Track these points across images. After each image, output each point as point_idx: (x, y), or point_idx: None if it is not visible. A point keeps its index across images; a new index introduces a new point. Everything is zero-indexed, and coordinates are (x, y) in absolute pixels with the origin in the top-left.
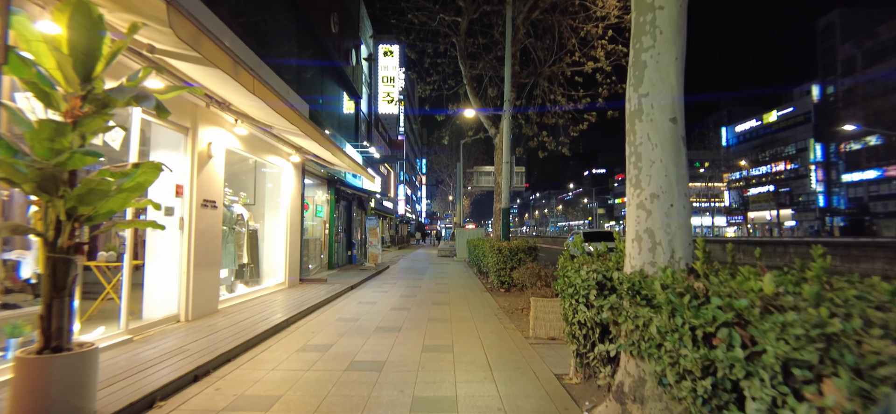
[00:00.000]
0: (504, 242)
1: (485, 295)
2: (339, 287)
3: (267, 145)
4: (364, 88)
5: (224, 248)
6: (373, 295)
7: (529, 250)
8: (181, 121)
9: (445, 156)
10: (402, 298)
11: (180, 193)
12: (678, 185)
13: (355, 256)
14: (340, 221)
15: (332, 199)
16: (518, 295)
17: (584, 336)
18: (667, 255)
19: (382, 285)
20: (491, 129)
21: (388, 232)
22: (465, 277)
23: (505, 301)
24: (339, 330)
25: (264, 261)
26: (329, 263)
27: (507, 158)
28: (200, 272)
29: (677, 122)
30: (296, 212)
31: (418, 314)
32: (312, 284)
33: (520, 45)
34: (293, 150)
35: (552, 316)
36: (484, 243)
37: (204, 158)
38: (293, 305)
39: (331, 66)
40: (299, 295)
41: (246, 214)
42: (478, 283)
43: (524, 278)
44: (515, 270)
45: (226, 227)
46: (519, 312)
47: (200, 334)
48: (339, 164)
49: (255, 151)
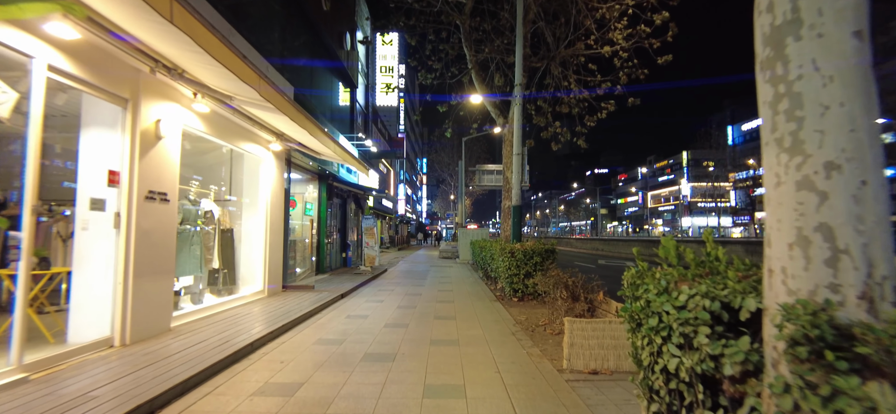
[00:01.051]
0: (516, 245)
1: (495, 306)
2: (327, 296)
3: (241, 130)
4: (360, 78)
5: (187, 251)
6: (365, 306)
7: (547, 254)
8: (116, 89)
9: (447, 155)
10: (400, 309)
11: (115, 182)
12: (872, 148)
13: (350, 258)
14: (333, 220)
15: (323, 195)
16: (535, 306)
17: (673, 393)
18: (861, 271)
19: (378, 293)
20: (499, 118)
21: (387, 232)
22: (471, 283)
23: (520, 314)
24: (315, 358)
25: (242, 266)
26: (320, 266)
27: (517, 150)
28: (144, 282)
29: (864, 37)
30: (277, 209)
31: (418, 333)
32: (296, 293)
33: (531, 26)
34: (273, 136)
35: (592, 342)
36: (493, 245)
37: (150, 139)
38: (268, 320)
39: (321, 47)
40: (278, 306)
41: (217, 210)
42: (485, 290)
43: (547, 288)
44: (531, 276)
45: (189, 225)
46: (540, 330)
47: (128, 368)
48: (329, 153)
49: (225, 136)
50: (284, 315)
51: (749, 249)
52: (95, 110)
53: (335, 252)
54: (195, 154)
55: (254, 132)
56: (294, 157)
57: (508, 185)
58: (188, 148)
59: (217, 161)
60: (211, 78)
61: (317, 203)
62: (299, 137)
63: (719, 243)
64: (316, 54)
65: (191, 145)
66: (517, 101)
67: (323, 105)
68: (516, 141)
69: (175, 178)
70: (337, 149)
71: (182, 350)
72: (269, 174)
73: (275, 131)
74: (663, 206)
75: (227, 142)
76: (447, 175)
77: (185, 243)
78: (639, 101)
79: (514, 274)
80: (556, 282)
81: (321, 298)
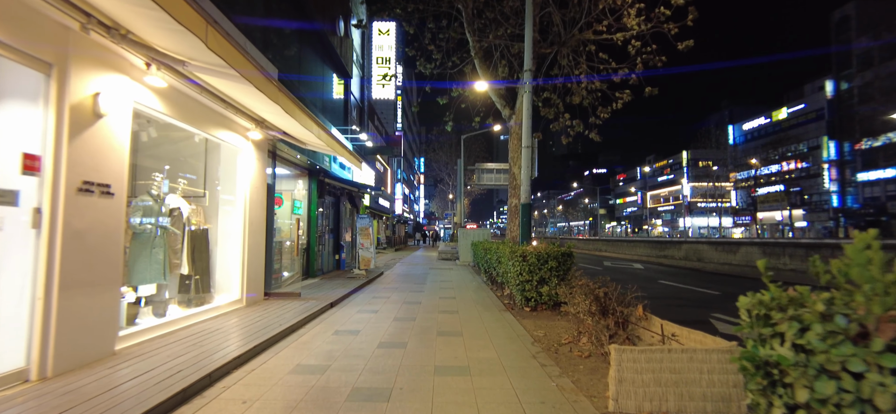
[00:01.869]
0: (528, 247)
1: (506, 317)
2: (315, 305)
3: (212, 115)
4: (355, 69)
5: (147, 255)
6: (357, 317)
7: (564, 258)
8: (35, 50)
9: (444, 154)
10: (397, 322)
11: (33, 169)
12: None
13: (344, 260)
14: (325, 219)
15: (313, 193)
16: (551, 317)
17: None
18: None
19: (372, 300)
20: (504, 109)
21: (384, 233)
22: (475, 288)
23: (536, 327)
24: (289, 396)
25: (218, 271)
26: (310, 269)
27: (527, 142)
28: (76, 296)
29: None
30: (258, 206)
31: (419, 357)
32: (280, 301)
33: (539, 9)
34: (252, 123)
35: (647, 377)
36: (500, 248)
37: (84, 116)
38: (240, 337)
39: (311, 29)
40: (256, 319)
41: (187, 207)
42: (491, 297)
43: (574, 298)
44: (545, 283)
45: (150, 225)
46: (565, 351)
47: None
48: (316, 142)
49: (194, 121)
50: (261, 331)
51: (771, 250)
52: (6, 77)
53: (327, 254)
54: (162, 143)
55: (229, 118)
56: (280, 150)
57: (515, 182)
58: (155, 136)
59: (190, 152)
60: (160, 37)
61: (306, 201)
62: (282, 123)
63: (737, 244)
64: (305, 41)
65: (158, 133)
66: (526, 88)
67: (314, 95)
68: (525, 133)
69: (122, 166)
70: (324, 135)
71: (116, 386)
72: (249, 166)
73: (254, 117)
74: (663, 206)
75: (197, 128)
76: (445, 174)
77: (145, 246)
78: (657, 90)
79: (526, 280)
80: (586, 292)
81: (307, 307)
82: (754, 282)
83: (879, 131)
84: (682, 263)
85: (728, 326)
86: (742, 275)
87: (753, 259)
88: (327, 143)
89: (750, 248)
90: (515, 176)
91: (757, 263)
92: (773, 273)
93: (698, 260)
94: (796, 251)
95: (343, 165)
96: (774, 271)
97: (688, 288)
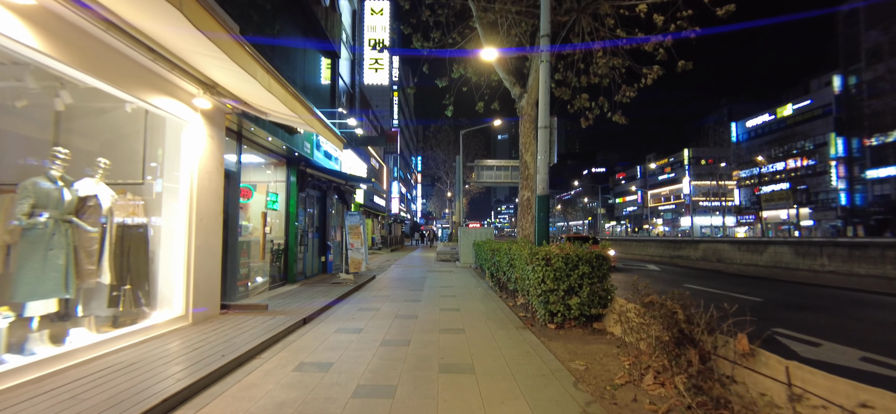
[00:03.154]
0: (551, 248)
1: (526, 337)
2: (282, 322)
3: (138, 71)
4: (344, 51)
5: (38, 259)
6: (334, 340)
7: (599, 261)
8: None
9: (442, 151)
10: (385, 348)
11: None
12: None
13: (332, 262)
14: (309, 216)
15: (293, 185)
16: (582, 336)
17: None
18: None
19: (357, 314)
20: (514, 88)
21: (379, 232)
22: (481, 296)
23: (571, 355)
24: None
25: (161, 279)
26: (288, 274)
27: (544, 122)
28: None
29: None
30: (211, 195)
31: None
32: (239, 316)
33: None
34: (198, 86)
35: None
36: (513, 249)
37: None
38: (157, 379)
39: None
40: (194, 346)
41: (108, 196)
42: (502, 307)
43: (631, 325)
44: (574, 293)
45: (46, 218)
46: (626, 398)
47: None
48: (284, 112)
49: (106, 75)
50: (192, 369)
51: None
52: None
53: (311, 256)
54: (86, 116)
55: (164, 78)
56: (248, 130)
57: (527, 171)
58: (73, 105)
59: (127, 128)
60: None
61: (284, 194)
62: (237, 86)
63: (764, 243)
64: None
65: (76, 101)
66: (542, 57)
67: (294, 73)
68: (542, 110)
69: None
70: (290, 100)
71: None
72: (197, 144)
73: (200, 78)
74: (663, 205)
75: (118, 88)
76: (443, 172)
77: (37, 247)
78: (690, 65)
79: (550, 290)
80: (664, 314)
81: (271, 326)
82: (791, 285)
83: (889, 127)
84: (701, 264)
85: (812, 350)
86: (772, 277)
87: (783, 259)
88: (294, 109)
89: (779, 247)
90: (527, 165)
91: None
92: (811, 275)
93: (718, 260)
94: (837, 251)
95: (329, 155)
96: (812, 274)
97: (721, 293)
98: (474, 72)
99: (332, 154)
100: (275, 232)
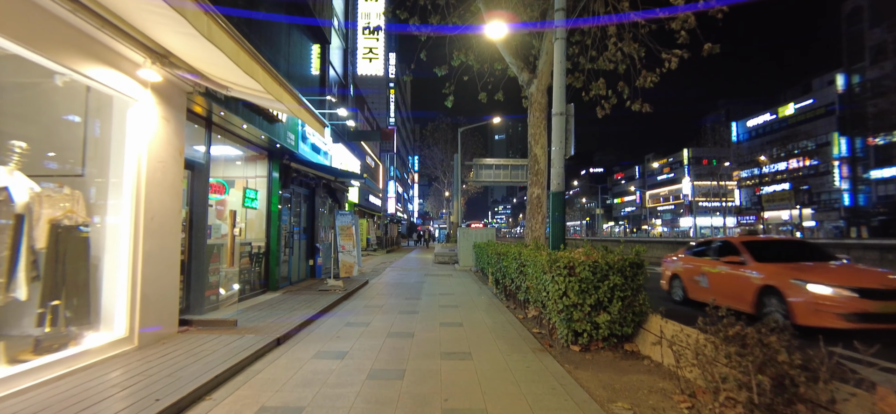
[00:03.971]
0: (575, 254)
1: (547, 364)
2: (251, 344)
3: (63, 31)
4: (336, 37)
5: None
6: (309, 370)
7: (634, 270)
8: None
9: (440, 150)
10: (372, 384)
11: None
12: None
13: (320, 266)
14: (295, 216)
15: (274, 181)
16: (614, 361)
17: None
18: None
19: (344, 331)
20: (522, 73)
21: (374, 233)
22: (486, 306)
23: (611, 394)
24: None
25: (106, 292)
26: (270, 280)
27: (559, 108)
28: None
29: None
30: (164, 189)
31: None
32: (201, 335)
33: None
34: (144, 52)
35: None
36: (524, 253)
37: None
38: None
39: None
40: (126, 381)
41: (25, 189)
42: (511, 321)
43: (711, 368)
44: (603, 308)
45: None
46: None
47: None
48: (251, 86)
49: (18, 36)
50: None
51: None
52: None
53: (298, 259)
54: (9, 91)
55: (98, 41)
56: (218, 116)
57: (537, 166)
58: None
59: (63, 107)
60: None
61: (266, 191)
62: (193, 53)
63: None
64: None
65: None
66: (557, 34)
67: (278, 57)
68: (557, 95)
69: None
70: (260, 72)
71: None
72: (145, 127)
73: (147, 43)
74: (662, 205)
75: (36, 52)
76: (440, 172)
77: None
78: (718, 48)
79: (573, 305)
80: (764, 356)
81: (236, 349)
82: None
83: (895, 126)
84: None
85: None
86: None
87: None
88: (252, 73)
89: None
90: (538, 159)
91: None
92: None
93: None
94: (866, 254)
95: (317, 148)
96: None
97: None
98: (476, 59)
99: (321, 148)
100: (254, 233)
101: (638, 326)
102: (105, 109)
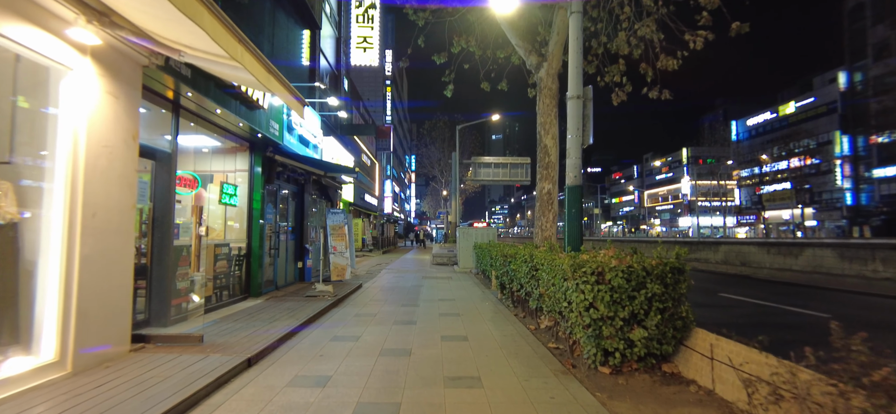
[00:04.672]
0: (605, 258)
1: (574, 391)
2: (212, 368)
3: None
4: (329, 27)
5: None
6: (281, 403)
7: (676, 276)
8: None
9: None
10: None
11: None
12: None
13: (310, 269)
14: (281, 214)
15: (257, 176)
16: (653, 387)
17: None
18: None
19: (328, 349)
20: (530, 56)
21: (370, 233)
22: (491, 314)
23: None
24: None
25: (37, 305)
26: (251, 285)
27: (576, 91)
28: None
29: None
30: (111, 179)
31: None
32: (156, 355)
33: None
34: (80, 9)
35: None
36: (537, 256)
37: None
38: None
39: None
40: None
41: None
42: (522, 333)
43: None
44: (639, 322)
45: None
46: None
47: None
48: (213, 50)
49: None
50: None
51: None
52: None
53: (285, 261)
54: None
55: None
56: (186, 98)
57: (548, 159)
58: None
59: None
60: None
61: (247, 186)
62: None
63: (799, 245)
64: None
65: None
66: (573, 7)
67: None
68: (573, 77)
69: None
70: (206, 18)
71: None
72: (83, 104)
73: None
74: (661, 205)
75: None
76: (438, 171)
77: None
78: (748, 27)
79: (603, 318)
80: None
81: (194, 374)
82: (846, 295)
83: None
84: (723, 269)
85: None
86: (813, 285)
87: (824, 264)
88: (212, 31)
89: (819, 250)
90: (548, 151)
91: None
92: (863, 283)
93: (743, 264)
94: (891, 255)
95: (305, 141)
96: (863, 281)
97: (772, 306)
98: (478, 44)
99: (311, 140)
100: (234, 234)
101: (679, 342)
102: (40, 83)
